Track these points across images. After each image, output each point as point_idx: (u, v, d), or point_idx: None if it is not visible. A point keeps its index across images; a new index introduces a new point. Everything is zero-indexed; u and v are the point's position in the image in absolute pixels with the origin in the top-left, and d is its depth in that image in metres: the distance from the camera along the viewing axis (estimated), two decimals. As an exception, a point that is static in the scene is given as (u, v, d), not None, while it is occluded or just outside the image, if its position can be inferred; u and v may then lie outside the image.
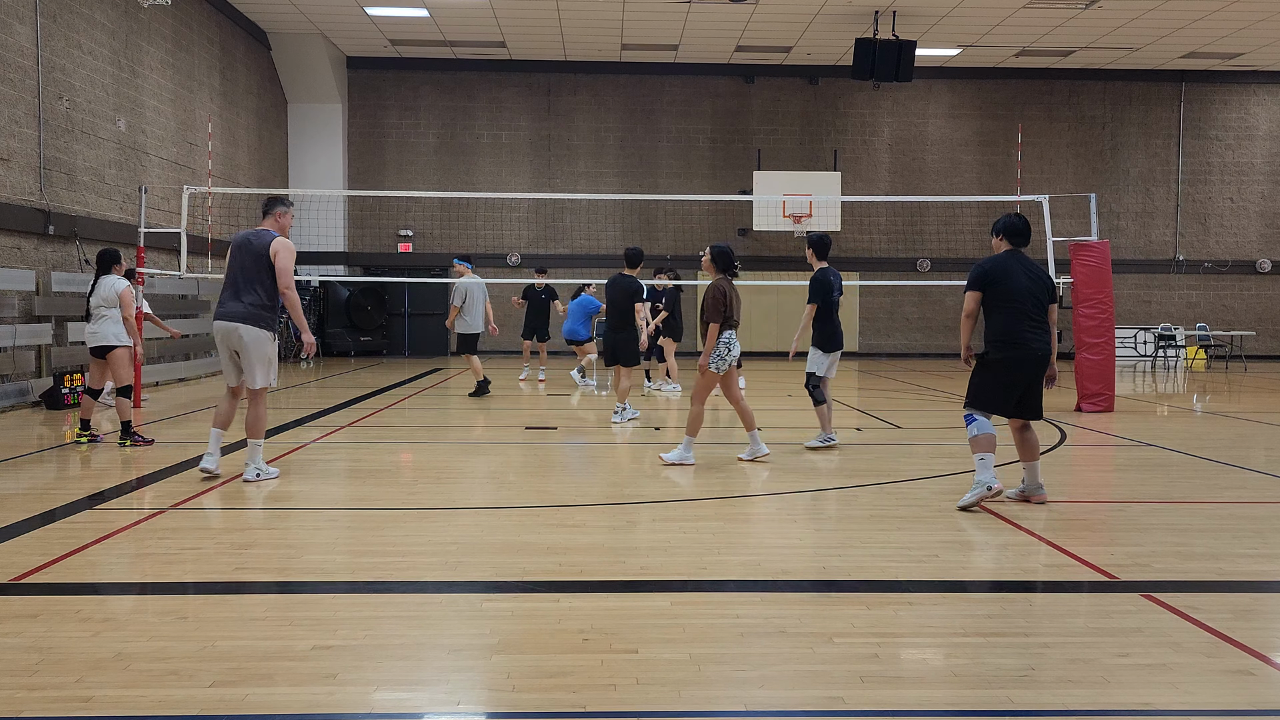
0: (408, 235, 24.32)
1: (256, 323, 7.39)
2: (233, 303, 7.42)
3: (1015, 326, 6.66)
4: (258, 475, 7.48)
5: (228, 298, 7.48)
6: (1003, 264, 6.78)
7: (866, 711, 3.44)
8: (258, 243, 7.47)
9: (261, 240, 7.48)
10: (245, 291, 7.41)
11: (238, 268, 7.46)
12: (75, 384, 12.43)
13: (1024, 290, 6.68)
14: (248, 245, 7.47)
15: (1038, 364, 6.69)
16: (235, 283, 7.46)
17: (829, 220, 23.36)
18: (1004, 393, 6.71)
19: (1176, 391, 16.83)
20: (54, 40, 13.36)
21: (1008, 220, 6.97)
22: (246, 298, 7.40)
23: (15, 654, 3.88)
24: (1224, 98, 25.28)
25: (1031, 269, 6.81)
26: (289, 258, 7.46)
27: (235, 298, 7.43)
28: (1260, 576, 5.25)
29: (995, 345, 6.73)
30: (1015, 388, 6.71)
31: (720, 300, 8.18)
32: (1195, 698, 3.57)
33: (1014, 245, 6.89)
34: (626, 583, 4.96)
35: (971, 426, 6.75)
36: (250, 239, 7.51)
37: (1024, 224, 6.92)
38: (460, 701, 3.52)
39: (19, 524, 6.03)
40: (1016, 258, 6.82)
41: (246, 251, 7.46)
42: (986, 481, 6.63)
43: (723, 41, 22.40)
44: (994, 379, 6.73)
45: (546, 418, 11.95)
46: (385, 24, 21.17)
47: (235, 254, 7.50)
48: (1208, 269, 25.48)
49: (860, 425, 11.40)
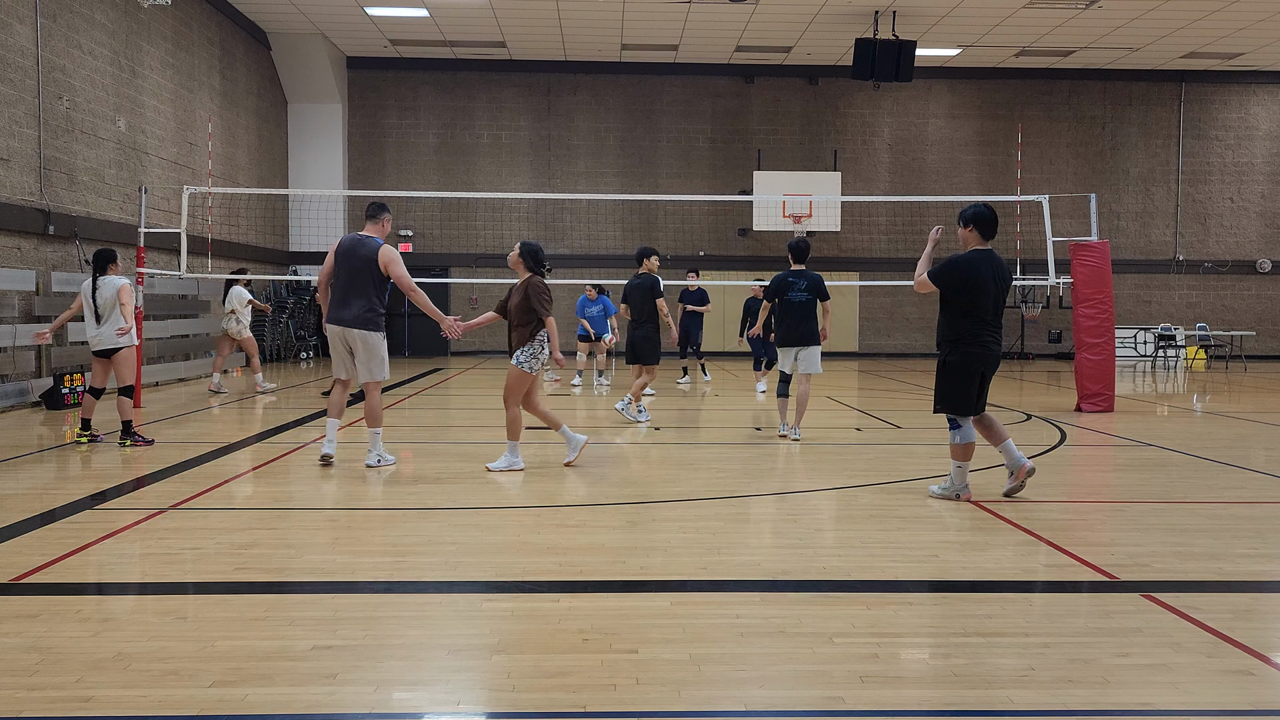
0: (408, 235, 24.32)
1: (367, 325, 7.90)
2: (343, 308, 7.91)
3: (974, 331, 6.70)
4: (379, 460, 8.05)
5: (338, 302, 7.95)
6: (974, 268, 6.67)
7: (866, 711, 3.44)
8: (365, 249, 7.91)
9: (368, 247, 7.92)
10: (355, 296, 7.89)
11: (346, 272, 7.91)
12: (75, 384, 12.43)
13: (988, 298, 6.66)
14: (355, 251, 7.91)
15: (994, 362, 6.79)
16: (345, 288, 7.92)
17: (829, 220, 23.37)
18: (967, 393, 6.79)
19: (1176, 392, 16.82)
20: (54, 40, 13.36)
21: (978, 211, 6.79)
22: (357, 302, 7.88)
23: (15, 654, 3.88)
24: (1224, 98, 25.28)
25: (999, 270, 6.74)
26: (400, 264, 7.98)
27: (345, 302, 7.91)
28: (1260, 576, 5.25)
29: (954, 347, 6.76)
30: (973, 386, 6.80)
31: (548, 294, 7.95)
32: (1195, 698, 3.57)
33: (983, 239, 6.76)
34: (626, 583, 4.96)
35: (955, 434, 6.87)
36: (356, 245, 7.94)
37: (993, 215, 6.79)
38: (460, 701, 3.52)
39: (19, 524, 6.03)
40: (988, 259, 6.71)
41: (355, 257, 7.89)
42: (958, 489, 6.91)
43: (723, 41, 22.39)
44: (959, 380, 6.79)
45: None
46: (385, 24, 21.17)
47: (343, 258, 7.92)
48: (1208, 269, 25.49)
49: (860, 425, 11.40)
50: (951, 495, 6.94)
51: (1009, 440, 6.93)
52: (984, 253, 6.75)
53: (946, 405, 6.86)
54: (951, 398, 6.83)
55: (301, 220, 23.04)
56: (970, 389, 6.79)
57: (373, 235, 8.09)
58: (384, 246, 8.01)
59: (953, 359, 6.77)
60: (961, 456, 6.86)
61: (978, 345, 6.70)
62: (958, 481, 6.91)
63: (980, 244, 6.78)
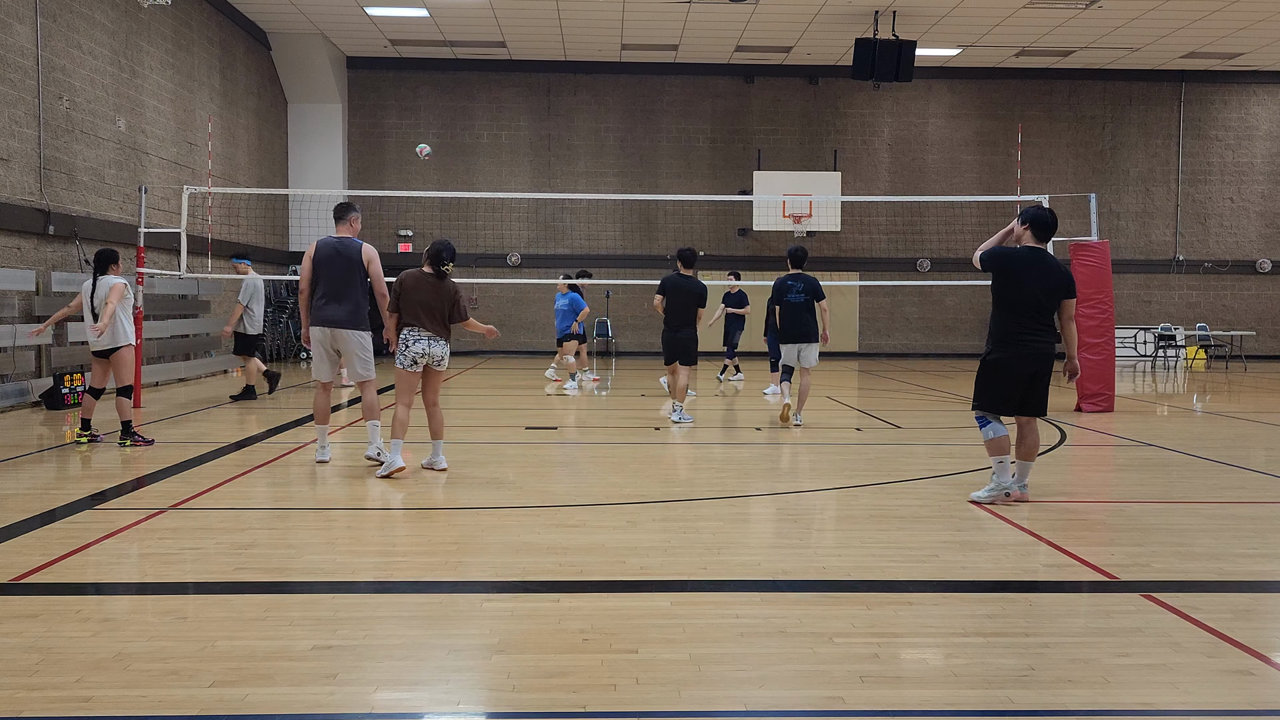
0: (408, 235, 24.32)
1: (358, 325, 8.13)
2: (332, 308, 8.07)
3: (1012, 329, 6.65)
4: (378, 453, 8.10)
5: (325, 303, 8.08)
6: (1021, 261, 6.66)
7: (866, 711, 3.44)
8: (348, 251, 8.11)
9: (351, 248, 8.13)
10: (343, 297, 8.07)
11: (331, 275, 8.07)
12: (75, 384, 12.43)
13: (1028, 295, 6.60)
14: (339, 253, 8.09)
15: (1035, 362, 6.66)
16: (332, 289, 8.08)
17: (829, 220, 23.38)
18: (1004, 392, 6.73)
19: (1176, 392, 16.82)
20: (54, 40, 13.36)
21: (1037, 213, 6.79)
22: (345, 303, 8.07)
23: (15, 654, 3.88)
24: (1224, 98, 25.28)
25: (1050, 272, 6.65)
26: (379, 265, 8.27)
27: (334, 303, 8.07)
28: (1260, 576, 5.25)
29: (993, 344, 6.75)
30: (1015, 387, 6.71)
31: (394, 289, 7.84)
32: (1195, 698, 3.57)
33: (1038, 239, 6.74)
34: (626, 583, 4.96)
35: (985, 430, 6.82)
36: (339, 247, 8.12)
37: (1053, 219, 6.78)
38: (460, 701, 3.52)
39: (19, 524, 6.03)
40: (1037, 257, 6.68)
41: (340, 259, 8.08)
42: (1005, 485, 6.77)
43: (723, 41, 22.40)
44: (995, 379, 6.75)
45: (547, 418, 11.95)
46: (385, 24, 21.17)
47: (327, 262, 8.08)
48: (1208, 269, 25.49)
49: (860, 425, 11.41)
50: (999, 495, 6.78)
51: (1031, 464, 6.93)
52: (1035, 251, 6.71)
53: (980, 402, 6.83)
54: (984, 395, 6.80)
55: (301, 220, 23.03)
56: (1004, 387, 6.70)
57: (348, 236, 8.23)
58: (366, 245, 8.21)
59: (990, 357, 6.76)
60: (996, 451, 6.77)
61: (1015, 344, 6.63)
62: (1001, 480, 6.78)
63: (1034, 243, 6.75)
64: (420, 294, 7.75)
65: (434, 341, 7.79)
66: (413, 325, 7.78)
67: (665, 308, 11.33)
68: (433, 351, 7.79)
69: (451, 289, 7.89)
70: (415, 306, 7.74)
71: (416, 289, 7.76)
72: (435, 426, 8.02)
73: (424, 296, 7.75)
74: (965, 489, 7.41)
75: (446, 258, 7.86)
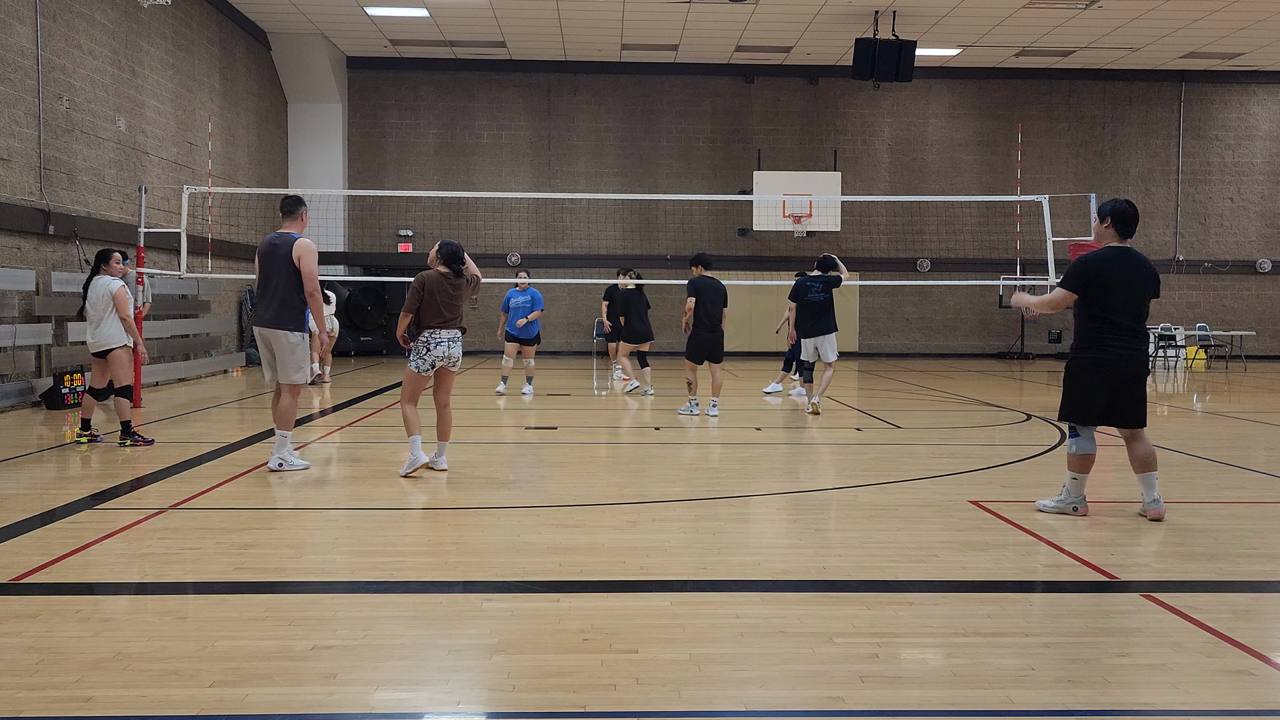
0: (408, 235, 24.32)
1: (284, 325, 7.85)
2: (266, 308, 7.88)
3: (1101, 335, 6.29)
4: (280, 464, 7.85)
5: (261, 303, 7.93)
6: (1108, 267, 6.25)
7: (866, 711, 3.44)
8: (283, 247, 7.85)
9: (285, 244, 7.86)
10: (276, 296, 7.84)
11: (267, 273, 7.86)
12: (75, 384, 12.42)
13: (1121, 300, 6.23)
14: (275, 251, 7.85)
15: (1123, 369, 6.30)
16: (266, 288, 7.88)
17: (829, 220, 23.37)
18: (1087, 401, 6.39)
19: (1176, 391, 16.82)
20: (54, 40, 13.36)
21: (1117, 205, 6.39)
22: (277, 302, 7.85)
23: (15, 654, 3.88)
24: (1224, 98, 25.28)
25: (1139, 269, 6.30)
26: (312, 260, 7.86)
27: (268, 303, 7.88)
28: (1260, 576, 5.25)
29: (1078, 352, 6.41)
30: (1098, 394, 6.35)
31: (416, 291, 7.66)
32: (1195, 698, 3.57)
33: (1120, 236, 6.36)
34: (626, 583, 4.96)
35: (1071, 444, 6.54)
36: (275, 244, 7.88)
37: (1135, 212, 6.39)
38: (460, 701, 3.52)
39: (19, 524, 6.03)
40: (1125, 256, 6.30)
41: (274, 257, 7.84)
42: (1073, 502, 6.53)
43: (723, 41, 22.40)
44: (1077, 387, 6.41)
45: (547, 418, 11.95)
46: (385, 24, 21.16)
47: (264, 261, 7.89)
48: (1208, 269, 25.49)
49: (860, 425, 11.41)
50: (1067, 509, 6.52)
51: (1153, 474, 6.44)
52: (1119, 250, 6.33)
53: (1066, 412, 6.49)
54: (1067, 405, 6.47)
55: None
56: (1090, 396, 6.35)
57: (290, 231, 7.97)
58: (300, 240, 7.88)
59: (1074, 365, 6.41)
60: (1079, 468, 6.47)
61: (1101, 350, 6.27)
62: (1073, 494, 6.51)
63: (1117, 241, 6.37)
64: (444, 294, 7.70)
65: (454, 343, 7.74)
66: (436, 326, 7.68)
67: (697, 308, 11.63)
68: (452, 354, 7.73)
69: (466, 281, 7.90)
70: (440, 307, 7.68)
71: (440, 290, 7.68)
72: (444, 428, 7.95)
73: (447, 297, 7.71)
74: (965, 489, 7.42)
75: (462, 256, 7.85)
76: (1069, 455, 6.56)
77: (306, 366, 8.07)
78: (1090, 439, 6.51)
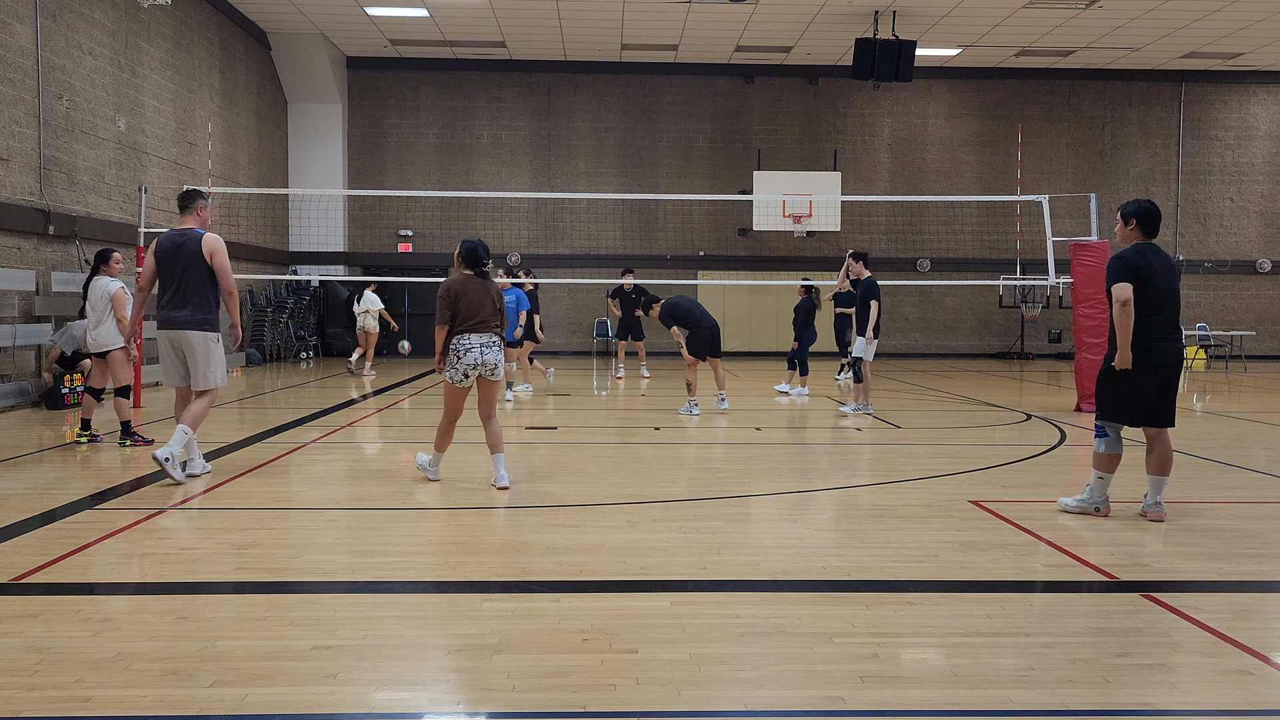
0: (408, 235, 24.32)
1: (202, 326, 7.48)
2: (176, 309, 7.45)
3: (1147, 334, 6.22)
4: (167, 459, 7.24)
5: (169, 304, 7.47)
6: (1144, 258, 6.21)
7: (866, 711, 3.44)
8: (189, 244, 7.45)
9: (191, 240, 7.45)
10: (187, 296, 7.44)
11: (175, 272, 7.44)
12: (75, 384, 12.42)
13: (1163, 293, 6.19)
14: (180, 249, 7.45)
15: (1167, 370, 6.29)
16: (175, 288, 7.45)
17: (829, 220, 23.36)
18: (1132, 402, 6.32)
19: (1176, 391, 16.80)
20: (54, 40, 13.35)
21: (1141, 206, 6.37)
22: (188, 302, 7.44)
23: (15, 654, 3.88)
24: (1224, 98, 25.28)
25: (1167, 263, 6.29)
26: (225, 256, 7.50)
27: (178, 303, 7.45)
28: (1260, 576, 5.25)
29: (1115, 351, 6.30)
30: (1143, 397, 6.31)
31: (444, 299, 7.20)
32: (1195, 698, 3.57)
33: (1145, 235, 6.33)
34: (626, 583, 4.96)
35: (1099, 443, 6.48)
36: (179, 241, 7.47)
37: (1158, 211, 6.38)
38: (460, 701, 3.52)
39: (19, 524, 6.03)
40: (1154, 250, 6.28)
41: (180, 254, 7.44)
42: (1096, 503, 6.51)
43: (723, 41, 22.39)
44: (1120, 388, 6.33)
45: (547, 418, 11.96)
46: (385, 24, 21.16)
47: (167, 259, 7.46)
48: (1208, 269, 25.49)
49: (859, 425, 11.40)
50: (1089, 509, 6.50)
51: (1166, 479, 6.44)
52: (1147, 246, 6.31)
53: (1108, 413, 6.39)
54: (1108, 406, 6.38)
55: (301, 220, 23.04)
56: (1133, 396, 6.29)
57: (192, 227, 7.57)
58: (209, 235, 7.51)
59: (1118, 365, 6.27)
60: (1105, 467, 6.43)
61: (1145, 351, 6.19)
62: (1097, 494, 6.49)
63: (1142, 240, 6.35)
64: (473, 297, 7.19)
65: (487, 348, 7.19)
66: (466, 331, 7.16)
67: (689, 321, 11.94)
68: (486, 360, 7.18)
69: (496, 289, 7.37)
70: (471, 311, 7.17)
71: (466, 293, 7.18)
72: (492, 440, 7.39)
73: (477, 299, 7.20)
74: (965, 489, 7.42)
75: (484, 255, 7.35)
76: (1096, 454, 6.52)
77: (222, 369, 7.69)
78: (1119, 438, 6.48)
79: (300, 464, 8.41)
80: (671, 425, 11.13)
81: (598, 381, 16.35)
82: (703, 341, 11.89)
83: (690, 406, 11.99)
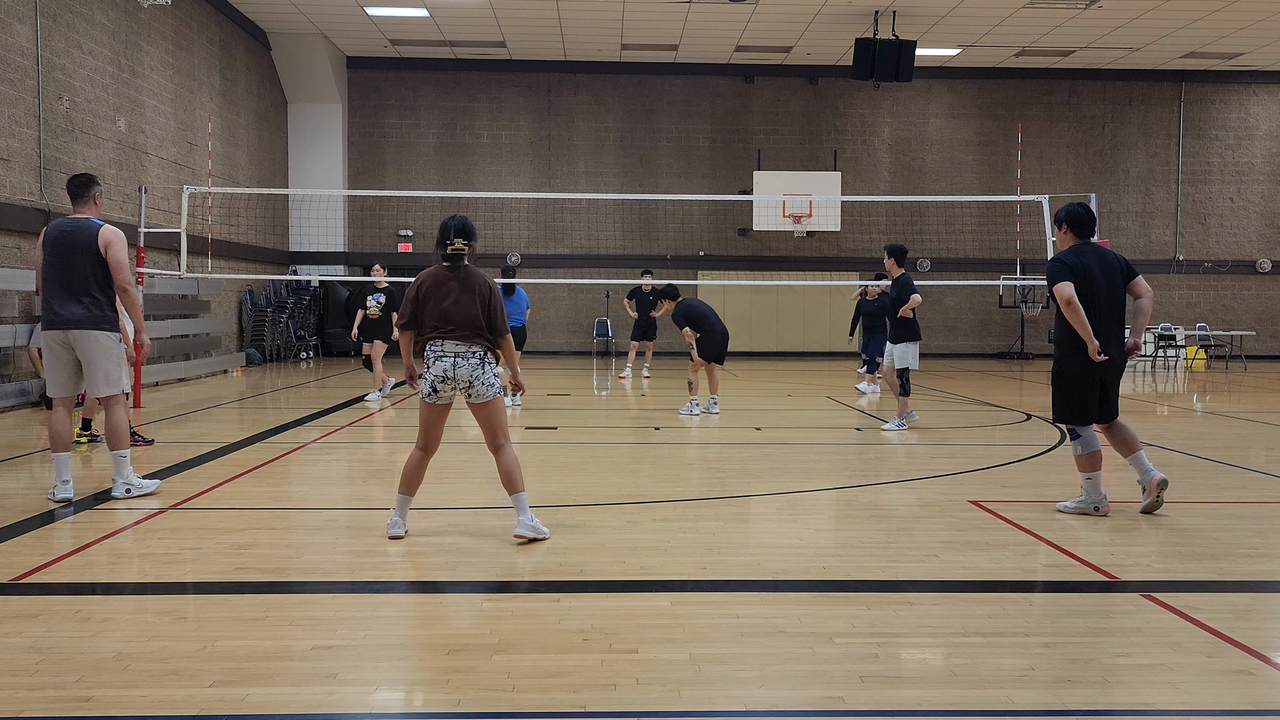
0: (408, 235, 24.32)
1: (98, 325, 6.69)
2: (68, 306, 6.63)
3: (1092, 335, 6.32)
4: (128, 491, 6.78)
5: (59, 301, 6.65)
6: (1081, 259, 6.37)
7: (866, 711, 3.44)
8: (84, 235, 6.66)
9: (85, 230, 6.68)
10: (78, 292, 6.64)
11: (64, 265, 6.65)
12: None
13: (1100, 291, 6.34)
14: (71, 238, 6.65)
15: (1110, 367, 6.41)
16: (66, 283, 6.65)
17: (829, 220, 23.37)
18: (1084, 400, 6.44)
19: (1176, 391, 16.82)
20: (54, 40, 13.36)
21: (1070, 209, 6.58)
22: (84, 299, 6.65)
23: (15, 654, 3.88)
24: (1224, 98, 25.28)
25: (1108, 260, 6.43)
26: (123, 249, 6.72)
27: (70, 300, 6.64)
28: (1260, 576, 5.25)
29: (1066, 352, 6.46)
30: (1090, 394, 6.43)
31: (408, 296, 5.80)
32: (1195, 698, 3.57)
33: (1079, 237, 6.49)
34: (626, 583, 4.96)
35: (1075, 445, 6.55)
36: (70, 231, 6.68)
37: (1088, 213, 6.53)
38: (460, 701, 3.52)
39: (19, 524, 6.03)
40: (1092, 250, 6.44)
41: (72, 246, 6.64)
42: (1095, 501, 6.53)
43: (723, 41, 22.39)
44: (1071, 388, 6.46)
45: (547, 418, 11.95)
46: (385, 24, 21.16)
47: (56, 250, 6.67)
48: (1208, 269, 25.49)
49: (860, 425, 11.40)
50: (1089, 509, 6.52)
51: (1141, 452, 6.56)
52: (1087, 245, 6.46)
53: (1061, 414, 6.52)
54: (1067, 406, 6.49)
55: (301, 220, 23.04)
56: (1085, 396, 6.42)
57: (86, 216, 6.81)
58: (105, 227, 6.69)
59: (1064, 365, 6.45)
60: (1088, 467, 6.49)
61: (1081, 347, 6.33)
62: (1091, 495, 6.52)
63: (1077, 242, 6.51)
64: (444, 296, 5.67)
65: (461, 359, 5.63)
66: (436, 338, 5.69)
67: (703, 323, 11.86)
68: (459, 374, 5.63)
69: (484, 285, 5.76)
70: (438, 313, 5.67)
71: (437, 290, 5.69)
72: (504, 476, 5.86)
73: (449, 298, 5.66)
74: (965, 489, 7.42)
75: (454, 233, 5.75)
76: (1076, 458, 6.58)
77: (122, 372, 6.91)
78: (1092, 435, 6.55)
79: (300, 464, 8.41)
80: (672, 425, 11.13)
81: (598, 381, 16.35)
82: (715, 346, 11.96)
83: (691, 406, 12.00)
